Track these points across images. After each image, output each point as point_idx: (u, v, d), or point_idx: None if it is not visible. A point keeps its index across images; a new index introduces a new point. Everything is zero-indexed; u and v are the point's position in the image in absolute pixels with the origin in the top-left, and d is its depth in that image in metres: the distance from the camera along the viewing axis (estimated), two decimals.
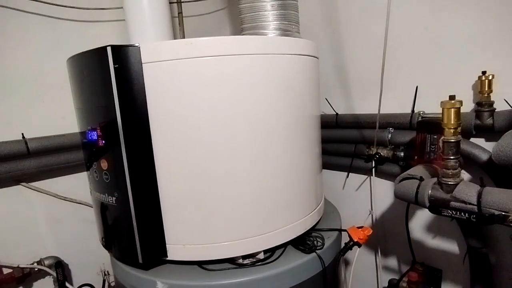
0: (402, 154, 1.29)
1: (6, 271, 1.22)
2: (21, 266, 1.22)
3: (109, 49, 0.77)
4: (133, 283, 0.93)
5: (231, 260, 0.92)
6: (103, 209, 0.93)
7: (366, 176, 1.52)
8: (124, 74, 0.78)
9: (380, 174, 1.44)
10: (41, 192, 1.33)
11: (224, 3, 1.87)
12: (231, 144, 0.85)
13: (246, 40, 0.88)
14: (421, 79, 1.26)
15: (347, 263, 1.56)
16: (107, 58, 0.77)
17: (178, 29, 1.60)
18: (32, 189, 1.31)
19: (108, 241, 0.97)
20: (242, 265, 0.92)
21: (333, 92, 1.54)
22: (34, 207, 1.33)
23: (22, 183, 1.28)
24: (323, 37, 1.52)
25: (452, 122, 0.79)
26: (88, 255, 1.47)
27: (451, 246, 1.30)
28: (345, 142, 1.51)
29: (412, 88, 1.28)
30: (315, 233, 1.06)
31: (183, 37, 1.61)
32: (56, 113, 1.34)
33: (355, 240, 1.04)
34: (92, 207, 1.42)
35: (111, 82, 0.78)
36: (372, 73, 1.40)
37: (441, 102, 0.82)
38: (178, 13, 1.59)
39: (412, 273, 1.30)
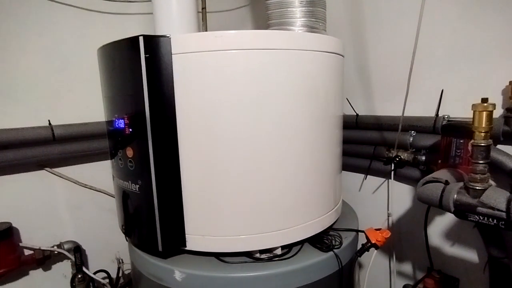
0: (423, 158, 1.26)
1: (27, 252, 1.26)
2: (43, 248, 1.25)
3: (141, 39, 0.78)
4: (151, 271, 0.94)
5: (249, 254, 0.93)
6: (126, 196, 0.94)
7: (384, 179, 1.50)
8: (154, 64, 0.79)
9: (399, 178, 1.42)
10: (63, 178, 1.37)
11: (247, 0, 1.88)
12: (254, 140, 0.85)
13: (273, 35, 0.88)
14: (447, 83, 1.23)
15: (360, 266, 1.54)
16: (138, 47, 0.78)
17: (201, 24, 1.62)
18: (55, 174, 1.34)
19: (129, 228, 0.99)
20: (259, 259, 0.92)
21: (354, 92, 1.52)
22: (56, 192, 1.37)
23: (46, 168, 1.32)
24: (347, 37, 1.50)
25: (484, 126, 0.77)
26: (104, 242, 1.50)
27: (470, 255, 1.27)
28: (364, 143, 1.49)
29: (436, 91, 1.26)
30: (332, 232, 1.05)
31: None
32: (81, 102, 1.38)
33: (373, 241, 1.03)
34: (110, 195, 1.48)
35: (141, 72, 0.79)
36: (396, 74, 1.38)
37: (473, 104, 0.80)
38: (202, 8, 1.60)
39: (429, 279, 1.27)
